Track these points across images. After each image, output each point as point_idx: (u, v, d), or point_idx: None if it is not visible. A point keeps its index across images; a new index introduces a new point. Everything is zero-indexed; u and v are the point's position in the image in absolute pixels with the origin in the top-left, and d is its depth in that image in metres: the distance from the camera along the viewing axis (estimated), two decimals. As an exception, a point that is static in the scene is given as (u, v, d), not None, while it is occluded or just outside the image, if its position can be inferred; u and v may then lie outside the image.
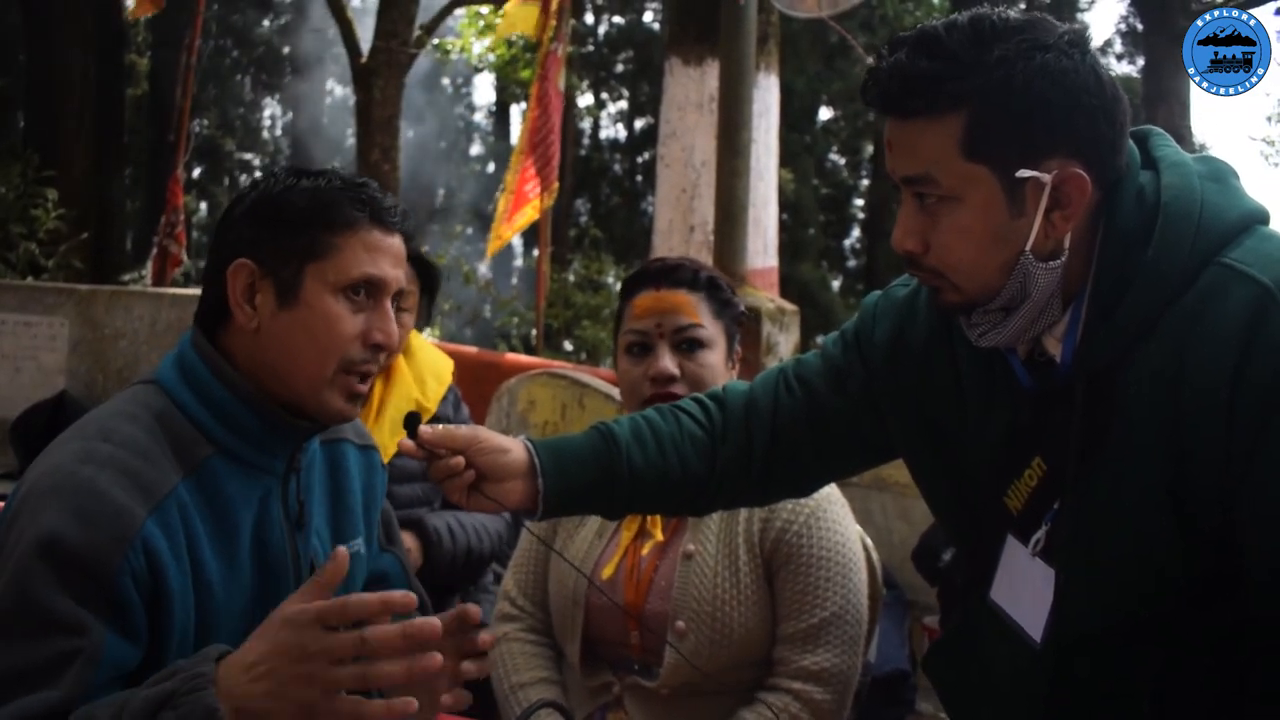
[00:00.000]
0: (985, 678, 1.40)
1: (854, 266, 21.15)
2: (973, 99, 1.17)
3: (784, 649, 1.74)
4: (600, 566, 1.83)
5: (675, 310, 1.82)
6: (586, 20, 19.71)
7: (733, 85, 5.19)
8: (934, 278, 1.27)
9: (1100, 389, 1.23)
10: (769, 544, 1.77)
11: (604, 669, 1.84)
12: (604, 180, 21.17)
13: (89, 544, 1.17)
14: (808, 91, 16.92)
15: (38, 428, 5.18)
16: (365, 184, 1.38)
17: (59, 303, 5.69)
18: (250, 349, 1.35)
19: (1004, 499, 1.34)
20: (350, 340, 1.34)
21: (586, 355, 9.23)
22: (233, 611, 1.32)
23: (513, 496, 1.41)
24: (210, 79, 18.00)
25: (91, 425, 1.30)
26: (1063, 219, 1.21)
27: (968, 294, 1.25)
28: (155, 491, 1.25)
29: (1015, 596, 1.34)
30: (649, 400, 1.78)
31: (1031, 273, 1.21)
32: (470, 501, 1.40)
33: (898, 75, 1.20)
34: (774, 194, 7.70)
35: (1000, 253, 1.21)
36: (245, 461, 1.35)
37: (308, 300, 1.33)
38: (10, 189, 9.31)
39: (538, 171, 5.95)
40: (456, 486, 1.39)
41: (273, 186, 1.37)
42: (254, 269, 1.33)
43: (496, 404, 4.32)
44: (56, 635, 1.15)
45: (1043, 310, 1.25)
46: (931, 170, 1.21)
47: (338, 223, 1.34)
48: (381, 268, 1.36)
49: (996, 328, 1.26)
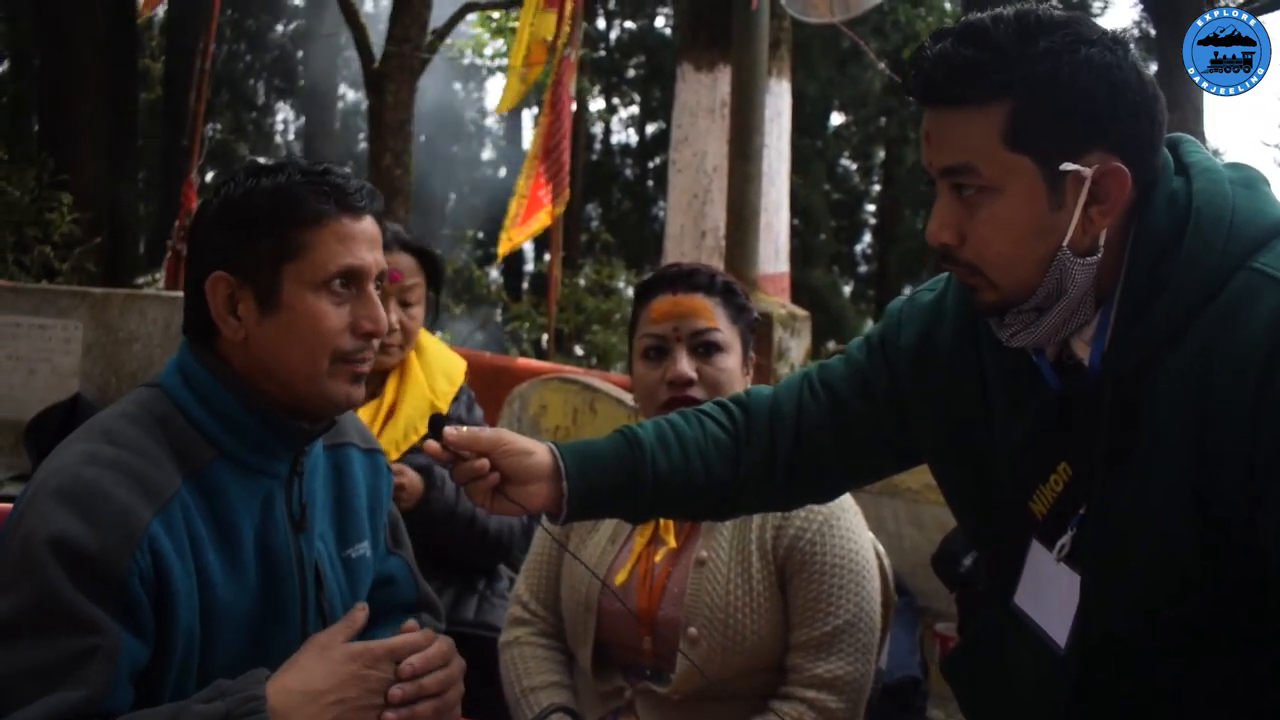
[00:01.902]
0: (1006, 683, 1.40)
1: (865, 272, 21.14)
2: (1017, 89, 1.17)
3: (797, 656, 1.74)
4: (613, 573, 1.83)
5: (692, 314, 1.81)
6: (598, 25, 19.75)
7: (744, 90, 5.20)
8: (970, 273, 1.26)
9: (1127, 392, 1.22)
10: (782, 551, 1.76)
11: (615, 674, 1.84)
12: (615, 185, 21.20)
13: (97, 544, 1.18)
14: (819, 97, 16.93)
15: (52, 430, 5.20)
16: (327, 171, 1.35)
17: (73, 306, 5.72)
18: (243, 358, 1.35)
19: (1029, 504, 1.34)
20: (338, 334, 1.34)
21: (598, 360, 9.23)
22: (237, 613, 1.32)
23: (537, 499, 1.40)
24: (224, 83, 18.08)
25: (96, 428, 1.31)
26: (1100, 214, 1.21)
27: (1004, 291, 1.25)
28: (160, 493, 1.25)
29: (1039, 602, 1.34)
30: (666, 404, 1.78)
31: (1069, 268, 1.21)
32: (494, 504, 1.40)
33: (943, 63, 1.20)
34: (785, 199, 7.70)
35: (1038, 246, 1.21)
36: (247, 465, 1.35)
37: (288, 303, 1.32)
38: (25, 193, 9.36)
39: (550, 178, 5.96)
40: (481, 489, 1.39)
41: (234, 191, 1.34)
42: (231, 280, 1.32)
43: (508, 409, 4.32)
44: (76, 633, 1.16)
45: (1076, 310, 1.25)
46: (973, 160, 1.21)
47: (305, 218, 1.31)
48: (358, 255, 1.34)
49: (1029, 328, 1.26)
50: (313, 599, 1.42)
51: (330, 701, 1.21)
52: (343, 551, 1.50)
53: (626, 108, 22.05)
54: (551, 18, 6.04)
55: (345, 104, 23.98)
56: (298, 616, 1.40)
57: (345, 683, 1.23)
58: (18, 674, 1.14)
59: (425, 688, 1.28)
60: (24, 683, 1.13)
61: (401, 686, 1.26)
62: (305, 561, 1.41)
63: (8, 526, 1.24)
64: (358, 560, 1.52)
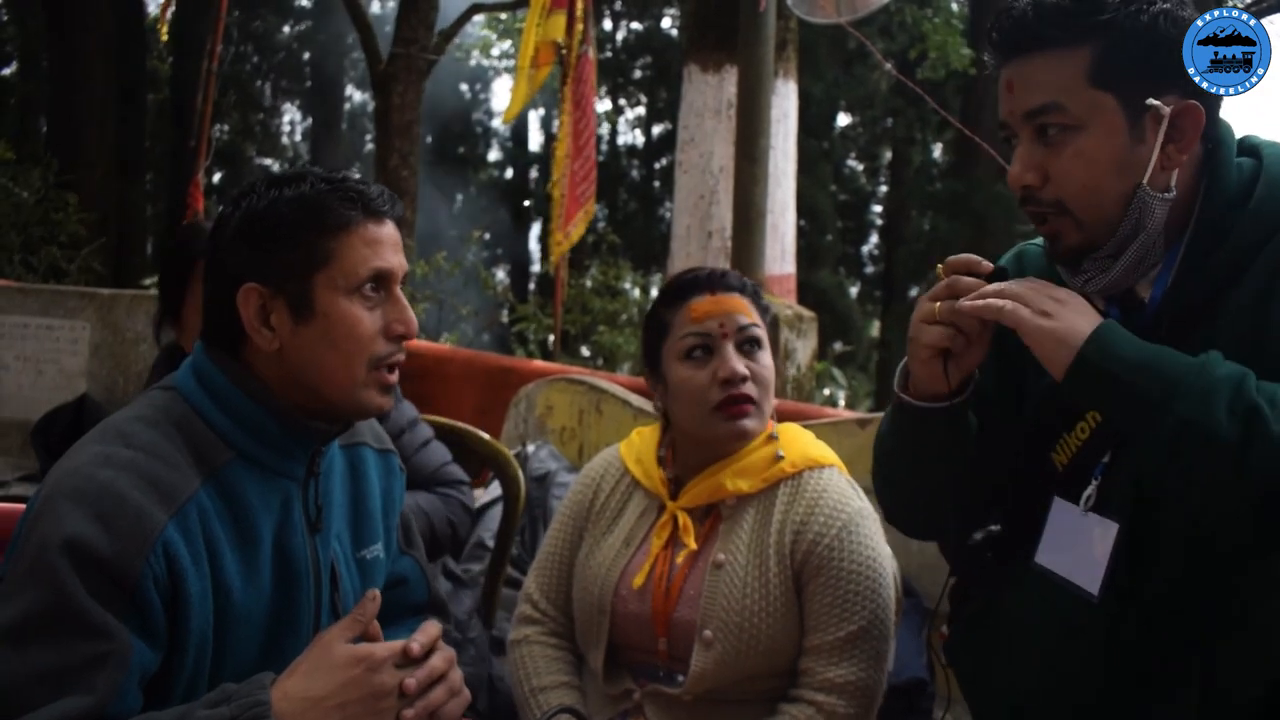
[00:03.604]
0: (1026, 646, 1.41)
1: (871, 273, 21.11)
2: (1103, 31, 1.28)
3: (810, 660, 1.74)
4: (630, 575, 1.83)
5: (735, 310, 1.81)
6: (605, 26, 19.74)
7: (751, 91, 5.20)
8: (1052, 213, 1.33)
9: (1184, 330, 1.29)
10: (800, 555, 1.76)
11: (625, 676, 1.84)
12: (622, 186, 21.18)
13: (112, 548, 1.18)
14: (826, 98, 16.91)
15: (59, 430, 5.20)
16: (346, 178, 1.36)
17: (80, 306, 5.72)
18: (275, 367, 1.35)
19: (1051, 454, 1.40)
20: (373, 338, 1.35)
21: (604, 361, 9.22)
22: (251, 616, 1.32)
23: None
24: (231, 84, 18.10)
25: (111, 429, 1.30)
26: (1178, 150, 1.30)
27: (1088, 228, 1.32)
28: (175, 496, 1.25)
29: (1065, 556, 1.37)
30: (720, 405, 1.77)
31: (1149, 204, 1.29)
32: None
33: (1034, 7, 1.30)
34: (792, 200, 7.70)
35: (1120, 182, 1.30)
36: (265, 466, 1.35)
37: (324, 310, 1.33)
38: (32, 193, 9.37)
39: (584, 176, 6.01)
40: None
41: (256, 203, 1.34)
42: (262, 291, 1.32)
43: (514, 409, 4.33)
44: (89, 638, 1.15)
45: (1150, 250, 1.32)
46: (1060, 99, 1.29)
47: (332, 225, 1.33)
48: (386, 258, 1.36)
49: (1104, 273, 1.34)
50: (327, 601, 1.42)
51: (332, 706, 1.20)
52: (357, 553, 1.50)
53: (633, 109, 22.05)
54: (559, 19, 6.04)
55: (352, 105, 24.00)
56: (311, 619, 1.39)
57: (346, 687, 1.22)
58: (27, 678, 1.13)
59: (433, 703, 1.27)
60: (33, 687, 1.13)
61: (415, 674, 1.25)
62: (321, 563, 1.41)
63: (21, 527, 1.24)
64: (372, 562, 1.52)
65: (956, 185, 15.97)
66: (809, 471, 1.82)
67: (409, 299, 2.26)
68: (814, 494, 1.79)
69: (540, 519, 3.23)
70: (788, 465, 1.81)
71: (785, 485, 1.81)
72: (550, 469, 3.42)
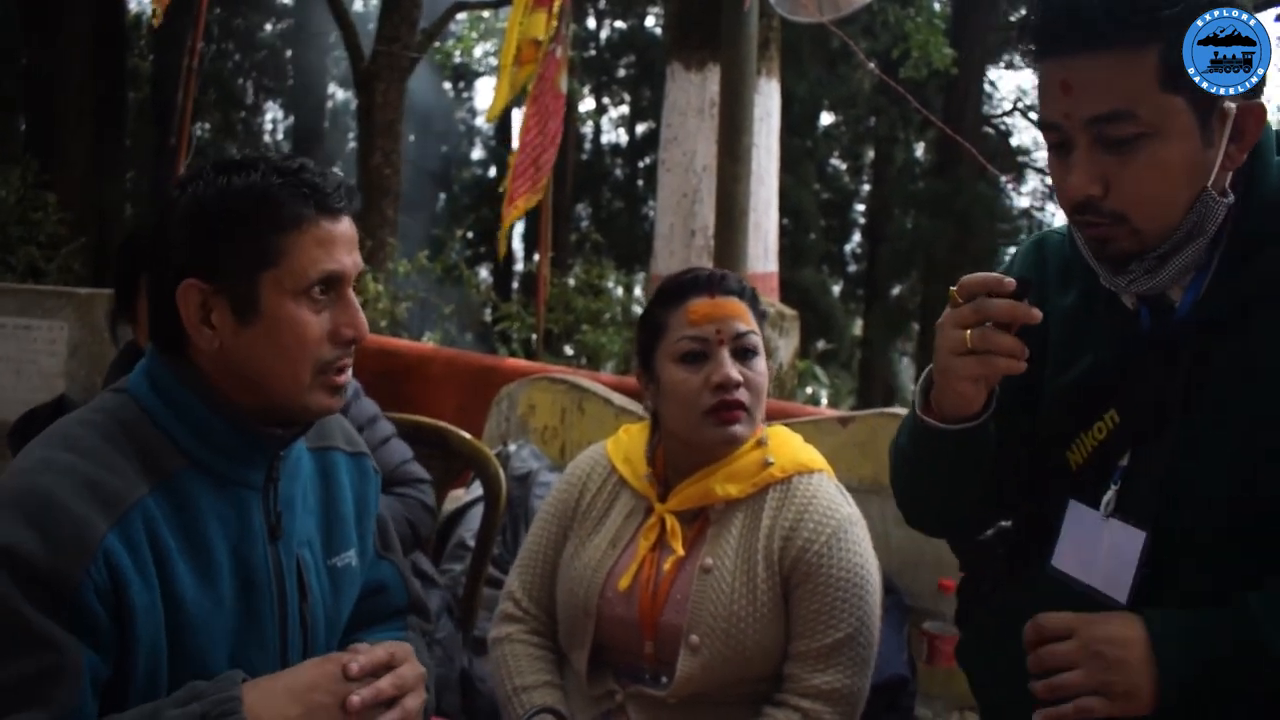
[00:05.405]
0: None
1: (855, 271, 21.15)
2: (1170, 28, 1.17)
3: (795, 666, 1.73)
4: (616, 576, 1.82)
5: (733, 316, 1.79)
6: (588, 25, 19.73)
7: (734, 90, 5.19)
8: (1112, 224, 1.24)
9: (1219, 336, 1.25)
10: (789, 562, 1.75)
11: (608, 676, 1.83)
12: (605, 185, 21.17)
13: (50, 557, 1.12)
14: (809, 97, 16.91)
15: (37, 431, 5.16)
16: (303, 168, 1.27)
17: (59, 306, 5.69)
18: (218, 368, 1.28)
19: (1066, 453, 1.35)
20: (319, 342, 1.28)
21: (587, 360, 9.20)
22: (210, 625, 1.26)
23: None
24: (212, 82, 18.00)
25: (57, 434, 1.25)
26: (1239, 150, 1.23)
27: (1146, 236, 1.24)
28: (117, 503, 1.19)
29: (1084, 560, 1.34)
30: (711, 410, 1.75)
31: (1212, 207, 1.23)
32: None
33: (1098, 4, 1.18)
34: (775, 199, 7.70)
35: (1190, 186, 1.22)
36: (218, 474, 1.29)
37: (269, 312, 1.25)
38: (10, 192, 9.29)
39: (524, 170, 6.04)
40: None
41: (203, 190, 1.25)
42: (204, 288, 1.25)
43: (496, 408, 4.31)
44: (36, 650, 1.11)
45: (1200, 254, 1.25)
46: (1131, 105, 1.19)
47: (285, 222, 1.24)
48: (338, 259, 1.28)
49: (1150, 274, 1.26)
50: (294, 609, 1.37)
51: (304, 699, 1.19)
52: (329, 560, 1.45)
53: (616, 107, 22.04)
54: (540, 17, 6.04)
55: (334, 103, 23.92)
56: (276, 629, 1.35)
57: (320, 680, 1.21)
58: None
59: (382, 691, 1.24)
60: None
61: (360, 692, 1.22)
62: (285, 570, 1.36)
63: None
64: (343, 569, 1.47)
65: (939, 184, 15.99)
66: (798, 477, 1.81)
67: (391, 297, 2.27)
68: (803, 500, 1.78)
69: (522, 518, 3.23)
70: (777, 470, 1.81)
71: (774, 490, 1.80)
72: (532, 468, 3.42)
